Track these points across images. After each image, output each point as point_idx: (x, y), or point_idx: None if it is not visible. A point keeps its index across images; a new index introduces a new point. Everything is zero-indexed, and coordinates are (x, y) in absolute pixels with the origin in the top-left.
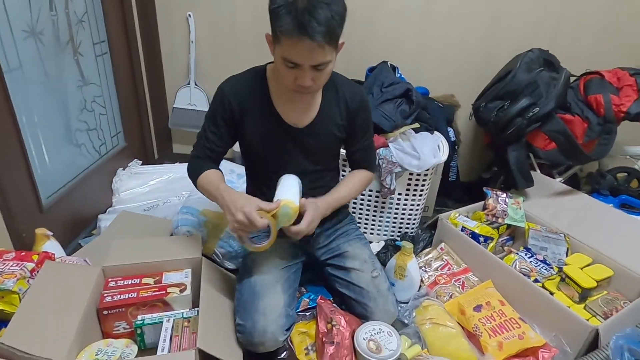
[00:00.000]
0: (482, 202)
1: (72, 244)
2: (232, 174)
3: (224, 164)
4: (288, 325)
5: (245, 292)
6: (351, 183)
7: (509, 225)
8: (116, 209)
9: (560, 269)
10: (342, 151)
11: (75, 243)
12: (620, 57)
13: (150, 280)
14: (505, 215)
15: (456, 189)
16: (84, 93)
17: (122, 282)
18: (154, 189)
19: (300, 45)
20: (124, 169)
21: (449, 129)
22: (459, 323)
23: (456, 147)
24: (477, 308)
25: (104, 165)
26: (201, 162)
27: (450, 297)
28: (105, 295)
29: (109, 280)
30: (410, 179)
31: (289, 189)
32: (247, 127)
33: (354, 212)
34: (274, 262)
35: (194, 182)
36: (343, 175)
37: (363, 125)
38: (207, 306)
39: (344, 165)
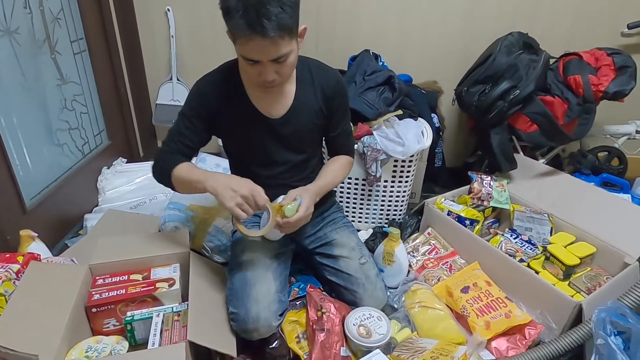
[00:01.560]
0: (468, 187)
1: (59, 244)
2: (218, 168)
3: (210, 159)
4: (281, 310)
5: (237, 280)
6: (335, 169)
7: (494, 208)
8: (102, 208)
9: (544, 248)
10: None
11: (62, 244)
12: (598, 37)
13: (138, 277)
14: (491, 198)
15: (442, 174)
16: (63, 92)
17: (110, 279)
18: (140, 187)
19: (254, 43)
20: (108, 168)
21: (433, 115)
22: (447, 305)
23: (441, 133)
24: (465, 290)
25: (89, 165)
26: (174, 155)
27: (438, 280)
28: (93, 293)
29: (97, 278)
30: (395, 166)
31: None
32: (224, 122)
33: (340, 201)
34: (264, 250)
35: (166, 176)
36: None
37: (340, 109)
38: (197, 299)
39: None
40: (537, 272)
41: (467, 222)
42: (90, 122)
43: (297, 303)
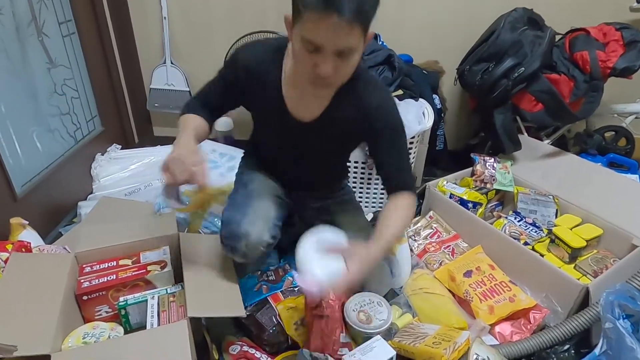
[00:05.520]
0: (470, 169)
1: (53, 232)
2: (214, 154)
3: (205, 144)
4: (274, 232)
5: (240, 196)
6: (398, 219)
7: (497, 191)
8: (96, 196)
9: (550, 231)
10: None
11: (56, 232)
12: (606, 13)
13: (127, 262)
14: (494, 180)
15: (444, 157)
16: (53, 76)
17: (98, 266)
18: (134, 173)
19: (325, 22)
20: (102, 155)
21: (434, 96)
22: (449, 290)
23: (442, 114)
24: (467, 274)
25: (81, 151)
26: (198, 106)
27: (440, 264)
28: (82, 281)
29: (84, 266)
30: None
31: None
32: (251, 105)
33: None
34: (269, 185)
35: (182, 113)
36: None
37: (388, 141)
38: (192, 275)
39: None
40: (542, 255)
41: (470, 205)
42: (82, 107)
43: (295, 289)
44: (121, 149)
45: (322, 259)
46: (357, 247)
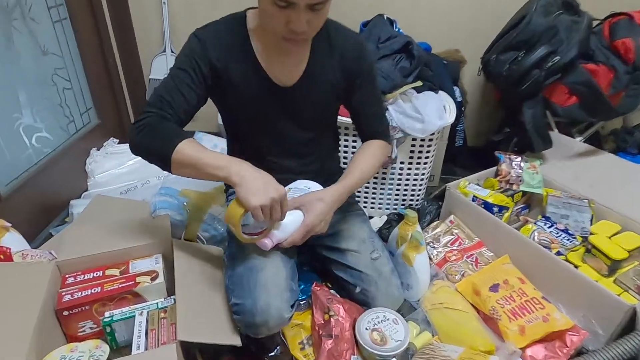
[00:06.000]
0: (494, 168)
1: (42, 234)
2: (216, 149)
3: (208, 138)
4: (292, 300)
5: (240, 267)
6: (364, 160)
7: (524, 192)
8: (91, 193)
9: (584, 239)
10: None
11: (46, 233)
12: None
13: (115, 271)
14: (521, 181)
15: (463, 154)
16: (42, 65)
17: (82, 276)
18: (132, 170)
19: None
20: (98, 149)
21: (455, 87)
22: (473, 305)
23: (463, 108)
24: (494, 288)
25: (75, 146)
26: (171, 124)
27: (463, 275)
28: (63, 294)
29: (66, 276)
30: (413, 145)
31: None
32: (225, 83)
33: None
34: None
35: (165, 151)
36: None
37: (365, 84)
38: (185, 291)
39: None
40: (576, 267)
41: (495, 208)
42: (75, 98)
43: (302, 303)
44: (118, 143)
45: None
46: (314, 196)
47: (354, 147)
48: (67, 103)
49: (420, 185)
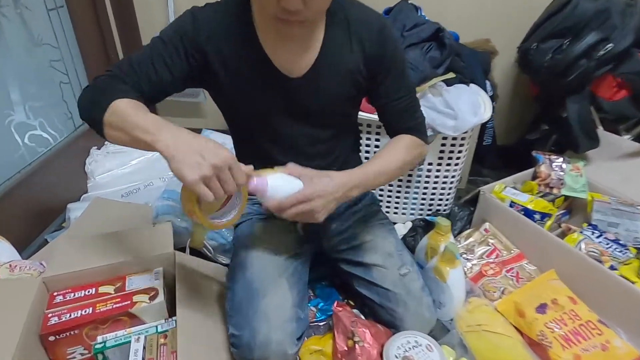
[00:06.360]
0: (531, 170)
1: (37, 240)
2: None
3: (214, 136)
4: (299, 332)
5: (240, 290)
6: (388, 155)
7: (566, 197)
8: (91, 196)
9: (639, 251)
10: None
11: (41, 239)
12: None
13: (109, 289)
14: (562, 184)
15: (491, 154)
16: (36, 56)
17: (72, 294)
18: (135, 170)
19: None
20: (99, 148)
21: (485, 81)
22: (516, 328)
23: (494, 103)
24: (541, 308)
25: (74, 145)
26: (122, 86)
27: (502, 292)
28: (49, 315)
29: (54, 294)
30: (443, 145)
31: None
32: (223, 76)
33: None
34: (276, 250)
35: (99, 107)
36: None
37: (392, 71)
38: (188, 313)
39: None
40: (632, 283)
41: (537, 216)
42: (74, 93)
43: (321, 325)
44: None
45: (281, 177)
46: (320, 172)
47: (376, 146)
48: (65, 98)
49: (450, 188)
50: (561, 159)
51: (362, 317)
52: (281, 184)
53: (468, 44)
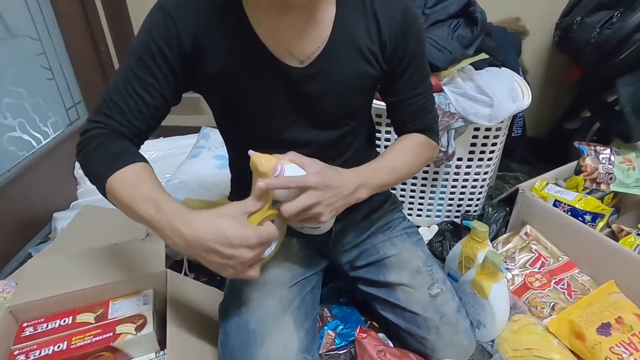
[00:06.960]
0: (573, 164)
1: (21, 254)
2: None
3: (215, 135)
4: None
5: (234, 332)
6: (398, 155)
7: (615, 194)
8: (80, 203)
9: None
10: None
11: (25, 253)
12: None
13: (89, 317)
14: (611, 179)
15: (521, 146)
16: (11, 49)
17: (45, 325)
18: None
19: None
20: None
21: None
22: (573, 353)
23: None
24: (604, 329)
25: (60, 147)
26: (116, 143)
27: (553, 309)
28: (16, 353)
29: (23, 325)
30: (475, 137)
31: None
32: (209, 68)
33: (393, 189)
34: (277, 276)
35: (100, 181)
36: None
37: (412, 59)
38: (180, 348)
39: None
40: None
41: (588, 216)
42: (59, 91)
43: (341, 354)
44: None
45: (292, 167)
46: (325, 165)
47: (387, 139)
48: (49, 97)
49: (482, 187)
50: (608, 150)
51: (390, 343)
52: (291, 174)
53: (496, 23)
